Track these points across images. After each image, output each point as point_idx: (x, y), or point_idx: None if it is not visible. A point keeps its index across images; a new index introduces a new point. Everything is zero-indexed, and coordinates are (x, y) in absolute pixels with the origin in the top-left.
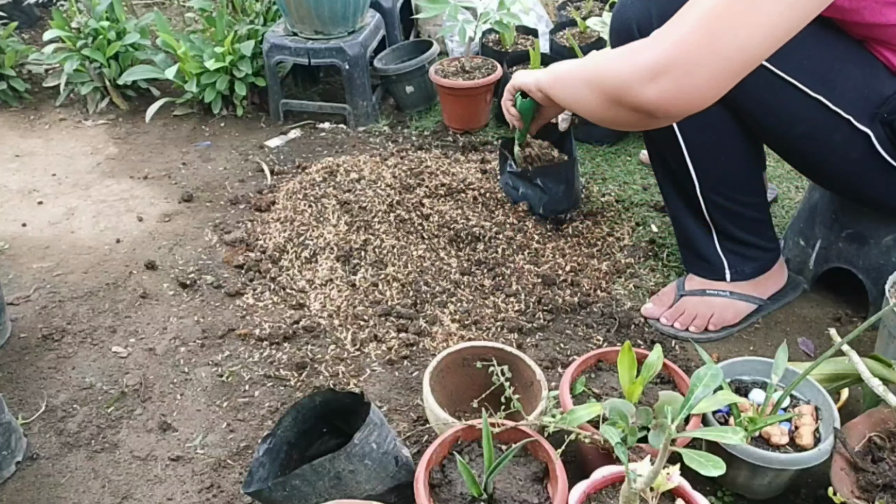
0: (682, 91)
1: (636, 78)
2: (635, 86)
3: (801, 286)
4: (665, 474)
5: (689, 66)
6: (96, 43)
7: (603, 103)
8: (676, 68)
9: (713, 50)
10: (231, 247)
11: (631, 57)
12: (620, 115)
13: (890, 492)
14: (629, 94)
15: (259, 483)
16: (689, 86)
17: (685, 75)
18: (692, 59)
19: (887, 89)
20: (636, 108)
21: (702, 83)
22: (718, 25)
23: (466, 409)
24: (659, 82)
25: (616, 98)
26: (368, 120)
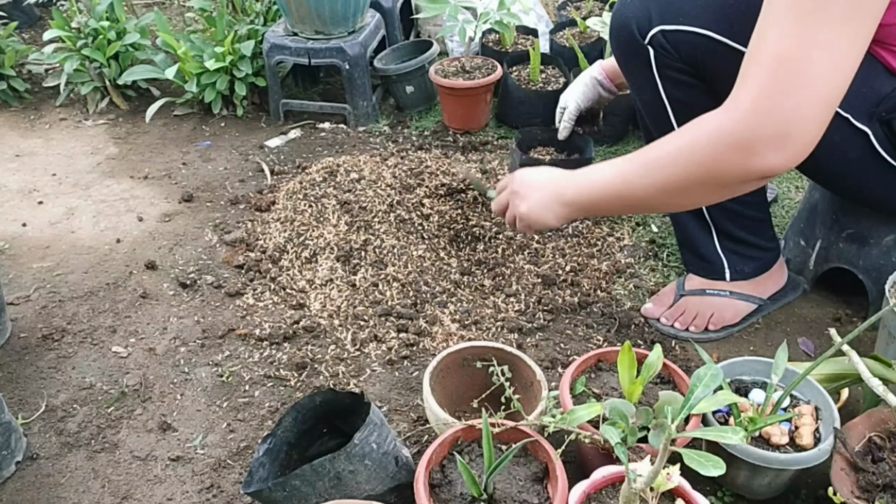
0: (805, 141)
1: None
2: (739, 168)
3: (801, 286)
4: (665, 474)
5: (800, 122)
6: (96, 43)
7: (698, 195)
8: (772, 134)
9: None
10: (231, 247)
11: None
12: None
13: (890, 492)
14: (736, 178)
15: (259, 483)
16: (809, 133)
17: (802, 130)
18: (798, 116)
19: (885, 88)
20: (752, 180)
21: (801, 133)
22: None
23: (466, 409)
24: (762, 154)
25: (721, 185)
26: (368, 120)
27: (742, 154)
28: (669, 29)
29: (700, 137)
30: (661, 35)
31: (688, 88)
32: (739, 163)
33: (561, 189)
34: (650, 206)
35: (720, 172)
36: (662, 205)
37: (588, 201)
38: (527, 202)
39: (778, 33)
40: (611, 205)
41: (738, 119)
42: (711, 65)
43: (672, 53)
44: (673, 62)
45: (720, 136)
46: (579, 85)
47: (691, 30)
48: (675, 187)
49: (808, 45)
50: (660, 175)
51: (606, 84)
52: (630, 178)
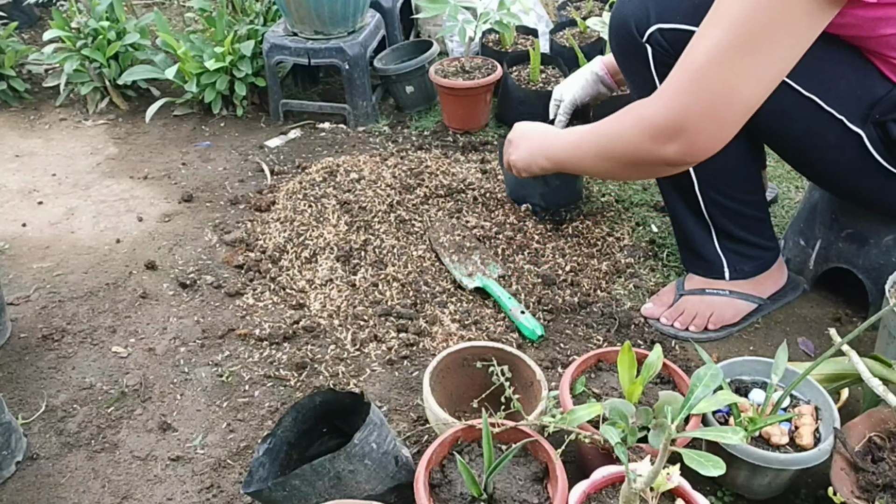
0: (696, 146)
1: (649, 144)
2: (651, 150)
3: (801, 286)
4: (665, 474)
5: (696, 127)
6: (96, 43)
7: (622, 168)
8: (685, 130)
9: (713, 110)
10: (231, 247)
11: (638, 125)
12: (644, 173)
13: (890, 492)
14: (647, 158)
15: (259, 483)
16: (701, 141)
17: (695, 134)
18: (697, 122)
19: (879, 91)
20: (658, 165)
21: (712, 136)
22: (714, 85)
23: (466, 409)
24: (674, 142)
25: (634, 163)
26: (368, 120)
27: (653, 141)
28: (667, 27)
29: (626, 117)
30: (659, 33)
31: None
32: (649, 148)
33: (544, 145)
34: (593, 171)
35: (634, 153)
36: (600, 171)
37: (560, 159)
38: (518, 151)
39: (709, 47)
40: (574, 166)
41: (653, 110)
42: None
43: (670, 52)
44: (671, 60)
45: (637, 120)
46: (579, 79)
47: (689, 28)
48: (604, 157)
49: (731, 65)
50: (597, 145)
51: (607, 80)
52: (581, 145)
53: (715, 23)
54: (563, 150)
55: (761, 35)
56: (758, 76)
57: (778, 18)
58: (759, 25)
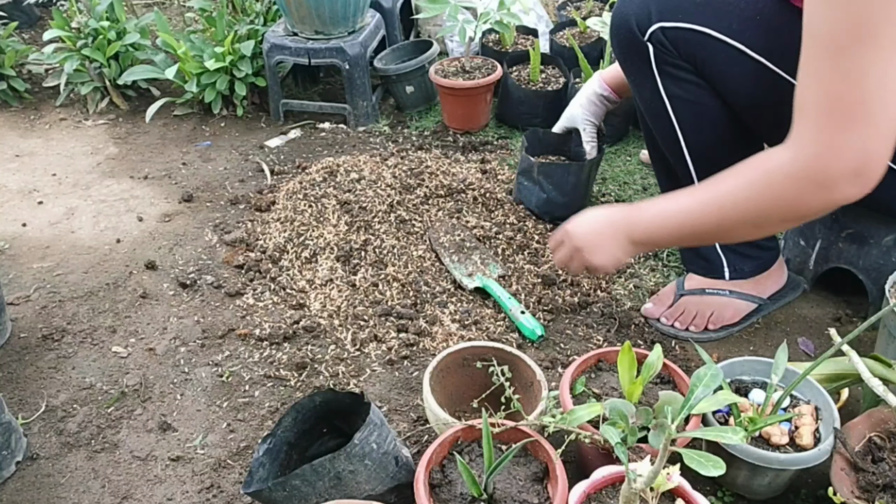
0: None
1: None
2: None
3: (801, 286)
4: (665, 474)
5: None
6: (96, 43)
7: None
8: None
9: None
10: (231, 247)
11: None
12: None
13: (890, 492)
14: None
15: (259, 483)
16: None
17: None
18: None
19: None
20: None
21: (881, 146)
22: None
23: (466, 409)
24: (854, 180)
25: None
26: (368, 120)
27: (820, 189)
28: (669, 26)
29: (774, 173)
30: (661, 32)
31: (687, 85)
32: (819, 197)
33: (628, 230)
34: (725, 238)
35: (803, 208)
36: (738, 236)
37: (658, 238)
38: (599, 254)
39: (827, 69)
40: (682, 239)
41: (808, 157)
42: (710, 62)
43: (671, 50)
44: (672, 59)
45: (801, 178)
46: (586, 103)
47: (690, 27)
48: (753, 222)
49: (858, 77)
50: (737, 212)
51: (611, 97)
52: (703, 216)
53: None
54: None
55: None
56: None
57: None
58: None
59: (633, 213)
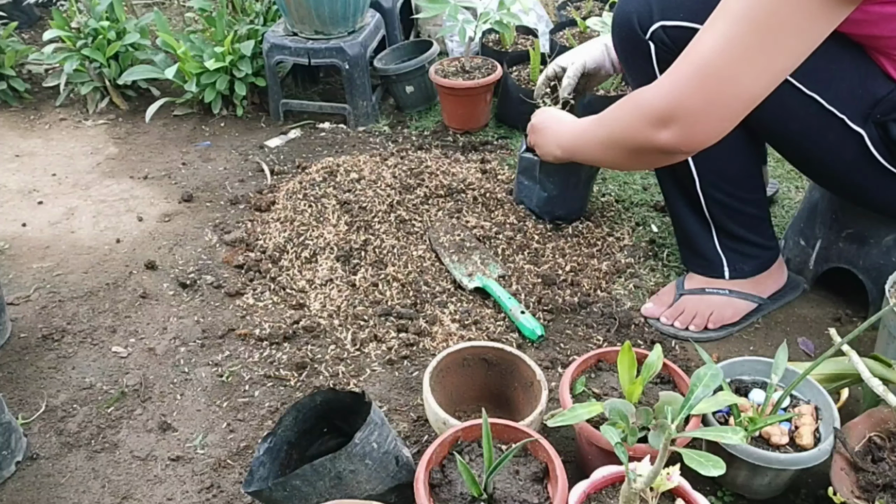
0: (691, 135)
1: (647, 128)
2: (648, 134)
3: (801, 286)
4: (665, 474)
5: (693, 116)
6: (96, 43)
7: (626, 156)
8: (681, 118)
9: (713, 101)
10: (231, 247)
11: (637, 110)
12: (643, 161)
13: (890, 492)
14: (644, 144)
15: (259, 483)
16: (696, 130)
17: (691, 123)
18: (694, 110)
19: (881, 91)
20: (655, 152)
21: (708, 127)
22: (717, 76)
23: (466, 409)
24: (669, 129)
25: (633, 149)
26: (368, 120)
27: (649, 126)
28: (670, 24)
29: (626, 103)
30: (662, 30)
31: None
32: (645, 133)
33: (557, 132)
34: (597, 159)
35: (629, 136)
36: (603, 159)
37: (569, 147)
38: (538, 136)
39: (714, 39)
40: (582, 154)
41: (652, 95)
42: None
43: (672, 49)
44: (673, 57)
45: (636, 105)
46: (590, 47)
47: (692, 26)
48: (607, 145)
49: (736, 58)
50: (601, 132)
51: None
52: (587, 132)
53: (723, 16)
54: (571, 137)
55: (770, 30)
56: (762, 71)
57: (789, 14)
58: (768, 20)
59: (566, 122)
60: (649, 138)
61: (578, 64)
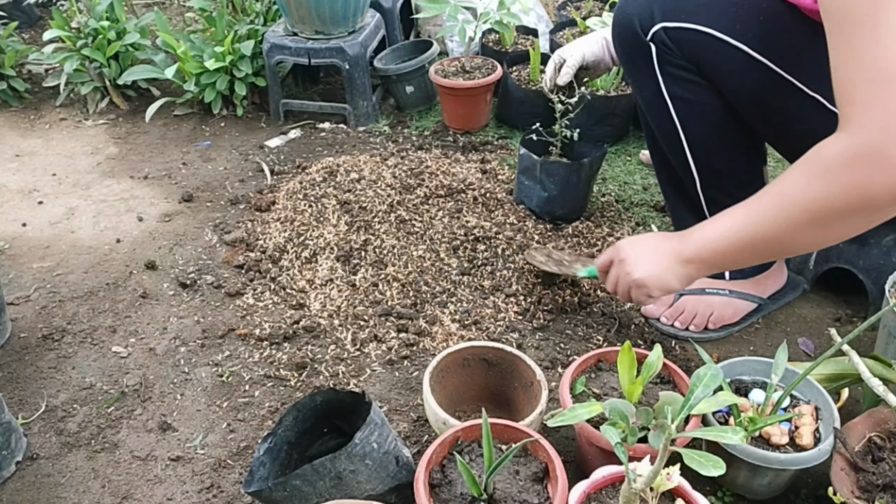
0: None
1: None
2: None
3: (801, 286)
4: (665, 474)
5: None
6: (96, 43)
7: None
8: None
9: None
10: (231, 247)
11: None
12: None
13: (890, 492)
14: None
15: (260, 482)
16: None
17: None
18: None
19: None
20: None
21: None
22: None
23: (466, 409)
24: None
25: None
26: (368, 120)
27: (883, 170)
28: (671, 26)
29: (832, 162)
30: (664, 32)
31: (689, 86)
32: (884, 178)
33: (678, 247)
34: (793, 248)
35: (865, 191)
36: (807, 244)
37: (714, 253)
38: (641, 267)
39: (855, 43)
40: (742, 253)
41: (862, 138)
42: (713, 63)
43: (674, 51)
44: (675, 59)
45: (854, 157)
46: (589, 41)
47: (693, 27)
48: (819, 223)
49: (890, 40)
50: (798, 211)
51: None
52: (762, 221)
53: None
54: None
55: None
56: None
57: None
58: None
59: (678, 234)
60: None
61: (577, 56)
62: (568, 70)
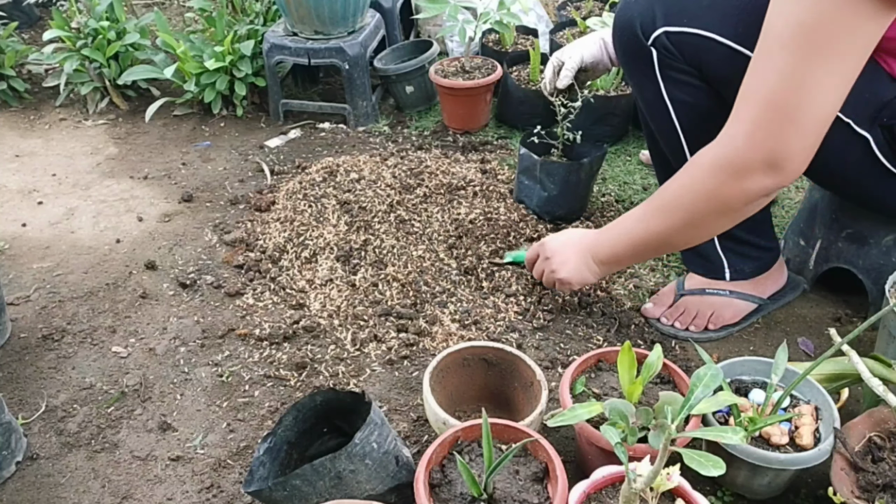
0: (788, 170)
1: (740, 184)
2: (749, 188)
3: (801, 286)
4: (665, 474)
5: (787, 149)
6: (96, 43)
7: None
8: (773, 159)
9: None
10: (231, 247)
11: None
12: (736, 217)
13: (890, 492)
14: (743, 198)
15: (259, 482)
16: (789, 164)
17: (788, 157)
18: (782, 148)
19: (888, 94)
20: (753, 201)
21: (803, 151)
22: (792, 108)
23: (466, 409)
24: (770, 172)
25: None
26: (368, 120)
27: (739, 180)
28: (673, 30)
29: (701, 172)
30: (665, 36)
31: (690, 90)
32: (738, 188)
33: (593, 249)
34: (674, 245)
35: (724, 200)
36: (684, 241)
37: (621, 254)
38: (565, 268)
39: (771, 73)
40: (641, 252)
41: (729, 148)
42: (715, 67)
43: (675, 55)
44: (676, 64)
45: (719, 168)
46: (587, 42)
47: (695, 32)
48: (690, 223)
49: (799, 85)
50: (675, 215)
51: (612, 56)
52: (650, 226)
53: (772, 45)
54: (618, 243)
55: (826, 45)
56: (832, 85)
57: (841, 26)
58: (822, 37)
59: (600, 232)
60: (749, 190)
61: (576, 58)
62: (567, 73)
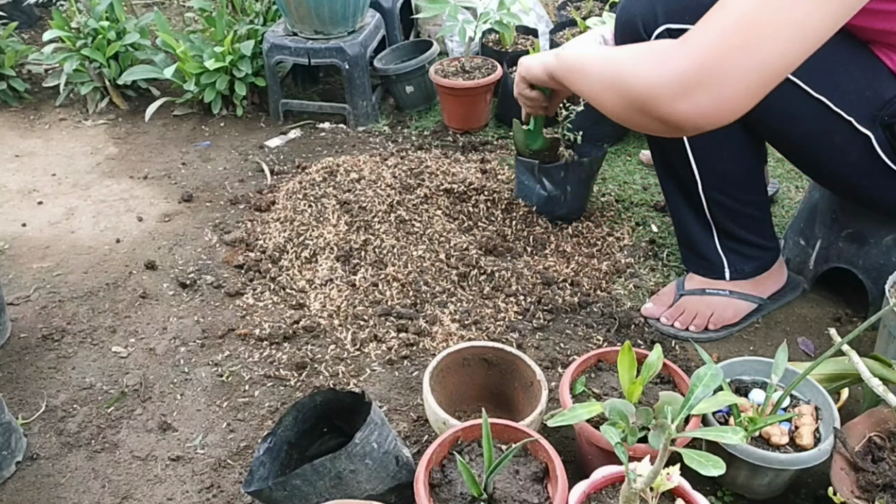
0: (716, 105)
1: (666, 91)
2: (665, 99)
3: (801, 286)
4: (665, 474)
5: (726, 77)
6: (96, 43)
7: (624, 108)
8: (712, 80)
9: (751, 57)
10: (231, 247)
11: (661, 66)
12: (642, 122)
13: (890, 492)
14: (657, 107)
15: (260, 482)
16: (724, 99)
17: (720, 87)
18: (728, 69)
19: (888, 92)
20: (662, 120)
21: (737, 95)
22: (756, 30)
23: (466, 409)
24: (692, 97)
25: (640, 107)
26: (368, 120)
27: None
28: (675, 27)
29: (650, 54)
30: (667, 33)
31: None
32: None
33: (565, 46)
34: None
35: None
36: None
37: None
38: (540, 54)
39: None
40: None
41: (682, 54)
42: None
43: None
44: None
45: (661, 60)
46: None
47: None
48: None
49: (780, 12)
50: (608, 70)
51: None
52: (593, 61)
53: None
54: (567, 62)
55: None
56: (802, 31)
57: None
58: None
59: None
60: (664, 104)
61: None
62: None
